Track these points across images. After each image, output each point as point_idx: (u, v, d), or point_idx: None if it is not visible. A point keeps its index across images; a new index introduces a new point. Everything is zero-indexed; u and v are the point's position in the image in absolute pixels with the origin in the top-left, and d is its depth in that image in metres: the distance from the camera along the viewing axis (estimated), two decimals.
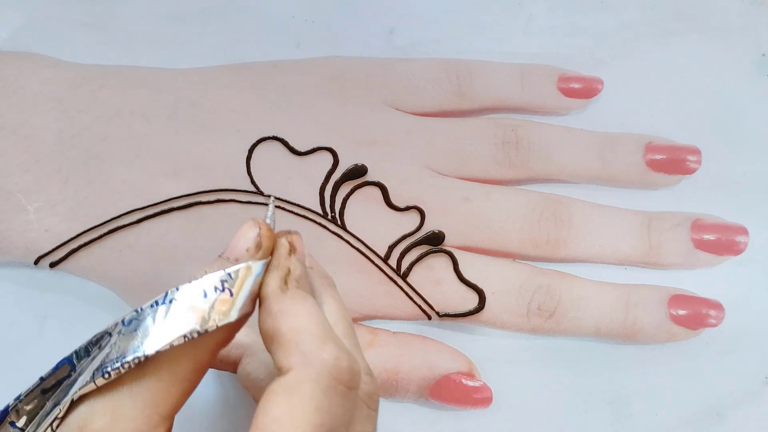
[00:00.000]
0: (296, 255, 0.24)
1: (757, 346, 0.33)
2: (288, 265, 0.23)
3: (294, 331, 0.22)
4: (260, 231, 0.23)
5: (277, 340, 0.22)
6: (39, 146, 0.31)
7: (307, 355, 0.21)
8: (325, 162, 0.32)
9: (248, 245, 0.23)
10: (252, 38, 0.35)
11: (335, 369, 0.21)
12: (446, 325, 0.33)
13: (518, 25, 0.36)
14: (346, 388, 0.21)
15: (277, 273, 0.23)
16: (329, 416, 0.21)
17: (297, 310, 0.22)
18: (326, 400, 0.21)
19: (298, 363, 0.21)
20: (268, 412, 0.21)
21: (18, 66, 0.33)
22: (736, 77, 0.36)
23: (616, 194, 0.34)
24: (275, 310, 0.22)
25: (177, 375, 0.22)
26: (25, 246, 0.31)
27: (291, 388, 0.21)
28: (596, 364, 0.33)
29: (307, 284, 0.24)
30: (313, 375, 0.21)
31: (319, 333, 0.22)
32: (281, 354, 0.22)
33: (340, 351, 0.22)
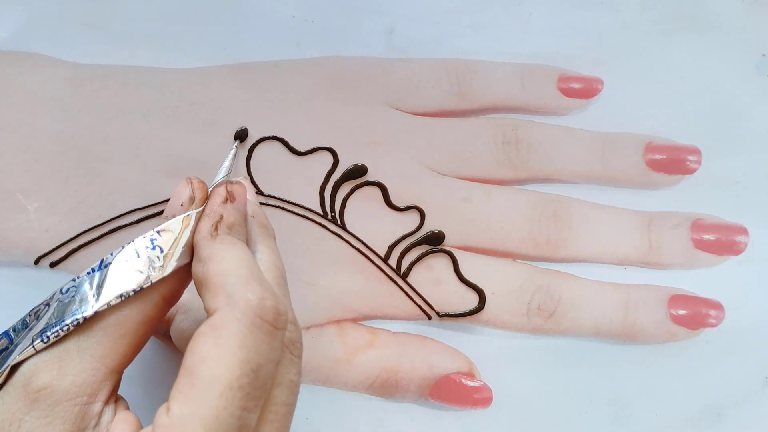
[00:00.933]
0: (234, 204, 0.25)
1: (757, 346, 0.33)
2: (221, 212, 0.24)
3: (221, 274, 0.22)
4: (192, 184, 0.25)
5: (206, 284, 0.23)
6: (39, 146, 0.31)
7: (233, 295, 0.22)
8: (325, 162, 0.32)
9: (182, 200, 0.25)
10: (252, 38, 0.35)
11: (260, 308, 0.22)
12: (446, 325, 0.33)
13: (518, 25, 0.36)
14: (272, 327, 0.22)
15: (209, 220, 0.24)
16: (255, 352, 0.21)
17: (225, 254, 0.23)
18: (251, 336, 0.21)
19: (224, 303, 0.22)
20: (196, 352, 0.21)
21: (18, 66, 0.33)
22: (736, 77, 0.36)
23: (616, 194, 0.34)
24: (205, 255, 0.23)
25: (124, 329, 0.23)
26: (25, 246, 0.31)
27: (217, 326, 0.21)
28: (596, 364, 0.33)
29: (241, 232, 0.24)
30: (237, 314, 0.21)
31: (245, 275, 0.22)
32: (208, 297, 0.22)
33: (265, 291, 0.22)
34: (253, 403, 0.21)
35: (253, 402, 0.21)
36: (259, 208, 0.26)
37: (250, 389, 0.21)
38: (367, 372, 0.31)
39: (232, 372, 0.21)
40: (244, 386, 0.21)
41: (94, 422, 0.22)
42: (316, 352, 0.31)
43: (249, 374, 0.21)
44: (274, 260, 0.25)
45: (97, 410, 0.22)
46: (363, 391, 0.32)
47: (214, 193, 0.25)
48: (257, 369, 0.21)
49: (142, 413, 0.24)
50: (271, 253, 0.25)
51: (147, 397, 0.30)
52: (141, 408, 0.25)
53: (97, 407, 0.22)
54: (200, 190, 0.25)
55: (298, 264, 0.31)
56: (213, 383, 0.21)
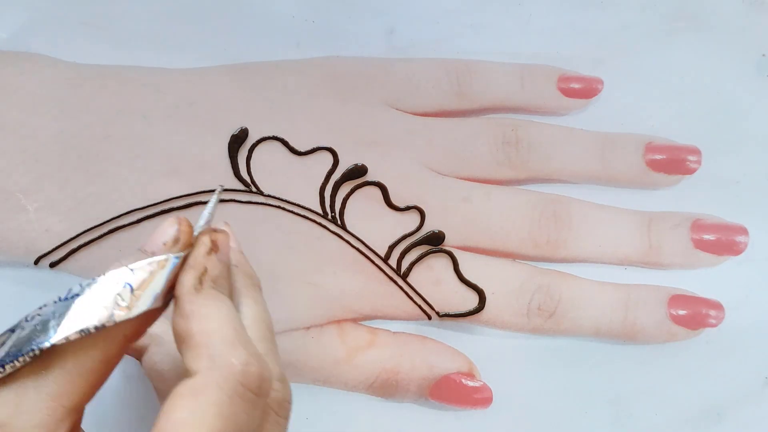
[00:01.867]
0: (218, 255, 0.23)
1: (757, 346, 0.33)
2: (205, 264, 0.23)
3: (204, 334, 0.21)
4: (179, 227, 0.23)
5: (187, 342, 0.21)
6: (39, 146, 0.31)
7: (216, 358, 0.21)
8: (325, 162, 0.32)
9: (166, 239, 0.23)
10: (252, 38, 0.35)
11: (243, 375, 0.21)
12: (446, 325, 0.33)
13: (518, 25, 0.36)
14: (254, 395, 0.21)
15: (193, 272, 0.22)
16: (232, 423, 0.20)
17: (209, 312, 0.22)
18: (231, 406, 0.20)
19: (206, 366, 0.21)
20: (171, 414, 0.20)
21: (18, 66, 0.32)
22: (736, 77, 0.36)
23: (616, 194, 0.34)
24: (187, 310, 0.22)
25: (83, 367, 0.21)
26: (25, 246, 0.31)
27: (196, 391, 0.20)
28: (596, 364, 0.33)
29: (225, 285, 0.23)
30: (219, 380, 0.20)
31: (229, 337, 0.21)
32: (190, 356, 0.21)
33: (250, 356, 0.21)
34: None
35: None
36: (243, 256, 0.25)
37: None
38: (367, 372, 0.31)
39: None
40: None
41: None
42: (316, 352, 0.31)
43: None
44: (259, 313, 0.24)
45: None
46: (363, 391, 0.32)
47: (199, 242, 0.23)
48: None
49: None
50: (257, 305, 0.24)
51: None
52: None
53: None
54: (186, 234, 0.23)
55: (298, 264, 0.31)
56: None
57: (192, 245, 0.23)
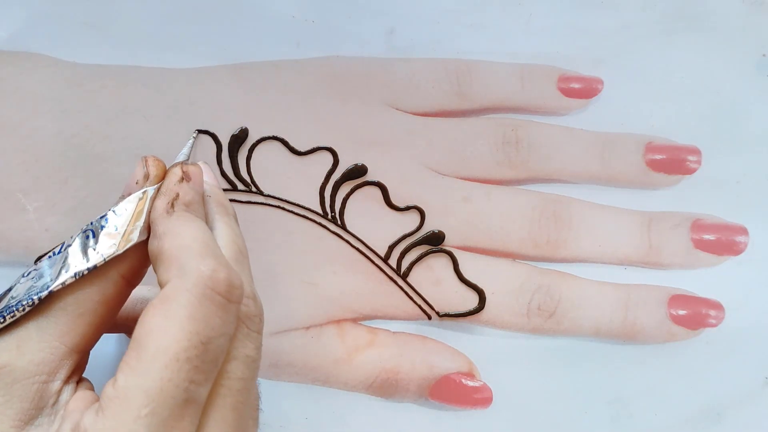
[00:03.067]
0: (190, 183, 0.25)
1: (757, 346, 0.33)
2: (177, 191, 0.24)
3: (175, 248, 0.22)
4: (146, 162, 0.25)
5: (160, 259, 0.22)
6: (39, 146, 0.31)
7: (184, 267, 0.22)
8: (325, 162, 0.32)
9: (137, 178, 0.25)
10: (252, 38, 0.35)
11: (212, 279, 0.21)
12: (446, 325, 0.33)
13: (518, 25, 0.36)
14: (225, 299, 0.22)
15: (165, 197, 0.24)
16: (205, 325, 0.21)
17: (180, 230, 0.23)
18: (201, 308, 0.21)
19: (175, 275, 0.22)
20: (145, 324, 0.21)
21: (18, 66, 0.32)
22: (736, 77, 0.36)
23: (616, 194, 0.34)
24: (160, 230, 0.23)
25: (82, 308, 0.23)
26: (25, 245, 0.31)
27: (166, 299, 0.21)
28: (596, 364, 0.33)
29: (198, 210, 0.25)
30: (188, 285, 0.21)
31: (199, 249, 0.22)
32: (162, 270, 0.22)
33: (218, 264, 0.22)
34: (202, 377, 0.21)
35: (203, 375, 0.21)
36: (218, 189, 0.26)
37: (199, 362, 0.21)
38: (367, 372, 0.31)
39: (178, 343, 0.20)
40: (192, 358, 0.21)
41: (53, 401, 0.22)
42: (316, 352, 0.31)
43: (197, 346, 0.21)
44: (232, 237, 0.25)
45: (55, 389, 0.22)
46: (363, 391, 0.32)
47: (170, 172, 0.25)
48: (207, 341, 0.21)
49: None
50: (230, 229, 0.25)
51: None
52: None
53: (56, 386, 0.22)
54: (155, 167, 0.25)
55: (298, 264, 0.31)
56: (158, 354, 0.20)
57: (164, 176, 0.25)
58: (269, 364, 0.31)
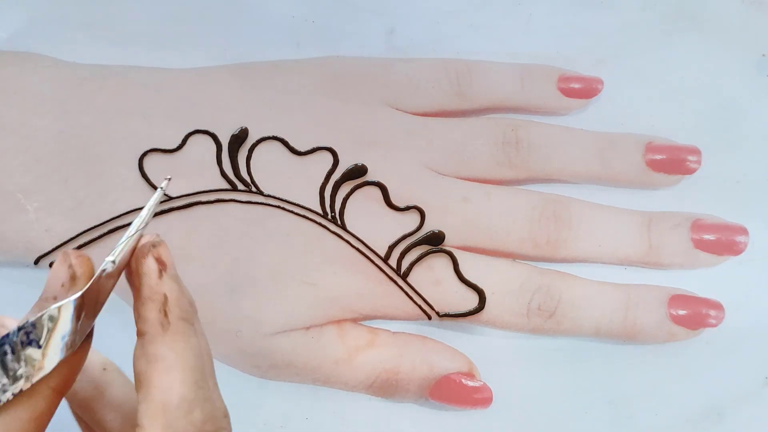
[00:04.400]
0: (170, 272, 0.21)
1: (757, 346, 0.33)
2: (162, 291, 0.21)
3: (164, 391, 0.20)
4: (71, 261, 0.20)
5: (146, 391, 0.20)
6: (39, 146, 0.31)
7: (172, 425, 0.20)
8: (325, 162, 0.32)
9: (63, 280, 0.20)
10: (252, 38, 0.35)
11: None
12: (446, 325, 0.33)
13: (518, 25, 0.36)
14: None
15: (153, 304, 0.21)
16: None
17: (173, 361, 0.20)
18: None
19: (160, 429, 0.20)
20: None
21: (18, 66, 0.33)
22: (736, 77, 0.36)
23: (616, 194, 0.34)
24: (150, 352, 0.20)
25: (12, 429, 0.20)
26: (25, 246, 0.31)
27: None
28: (596, 364, 0.33)
29: (190, 310, 0.22)
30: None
31: (188, 396, 0.20)
32: (146, 410, 0.20)
33: (205, 422, 0.21)
34: None
35: None
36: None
37: None
38: (367, 372, 0.31)
39: None
40: None
41: None
42: (316, 353, 0.31)
43: None
44: (204, 347, 0.22)
45: None
46: (363, 391, 0.32)
47: (145, 267, 0.21)
48: None
49: None
50: (203, 339, 0.22)
51: None
52: None
53: None
54: (81, 266, 0.20)
55: (298, 264, 0.31)
56: None
57: (92, 274, 0.21)
58: (269, 365, 0.31)
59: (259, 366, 0.31)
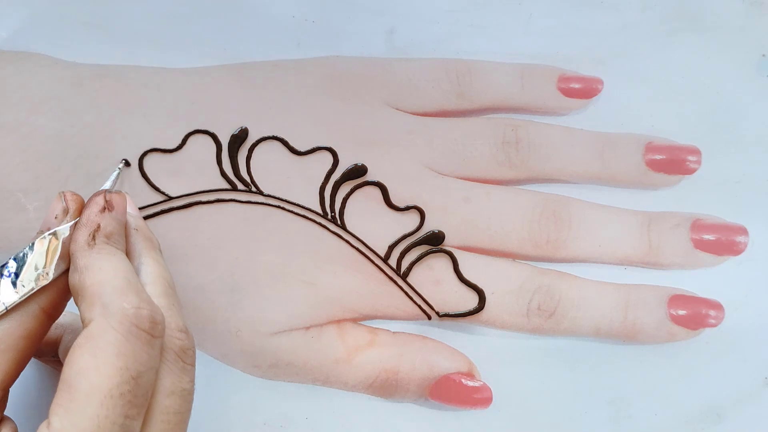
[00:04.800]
0: (113, 213, 0.25)
1: (757, 346, 0.33)
2: (98, 221, 0.24)
3: (97, 284, 0.23)
4: (65, 197, 0.25)
5: (82, 294, 0.23)
6: (39, 145, 0.31)
7: (108, 305, 0.22)
8: (325, 162, 0.32)
9: (56, 212, 0.25)
10: (252, 38, 0.35)
11: (135, 317, 0.22)
12: (446, 325, 0.33)
13: (518, 25, 0.36)
14: (149, 335, 0.22)
15: (86, 229, 0.24)
16: (134, 360, 0.22)
17: (102, 264, 0.23)
18: (128, 345, 0.22)
19: (100, 313, 0.22)
20: (73, 364, 0.21)
21: (18, 65, 0.32)
22: (736, 77, 0.36)
23: (616, 194, 0.34)
24: (81, 264, 0.23)
25: (3, 345, 0.23)
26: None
27: (93, 337, 0.22)
28: (596, 364, 0.33)
29: (120, 241, 0.25)
30: (113, 323, 0.22)
31: (121, 285, 0.23)
32: (84, 307, 0.23)
33: (141, 301, 0.22)
34: (135, 411, 0.22)
35: (135, 409, 0.22)
36: (143, 221, 0.26)
37: (131, 396, 0.21)
38: (367, 372, 0.31)
39: (111, 380, 0.21)
40: (125, 393, 0.21)
41: None
42: (316, 352, 0.31)
43: (129, 381, 0.21)
44: (159, 271, 0.25)
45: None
46: (363, 391, 0.32)
47: (92, 202, 0.25)
48: (137, 376, 0.22)
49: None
50: (157, 264, 0.25)
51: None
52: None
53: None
54: (74, 202, 0.25)
55: (298, 264, 0.31)
56: (92, 393, 0.21)
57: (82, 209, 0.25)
58: (269, 364, 0.31)
59: (259, 366, 0.31)
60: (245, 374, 0.32)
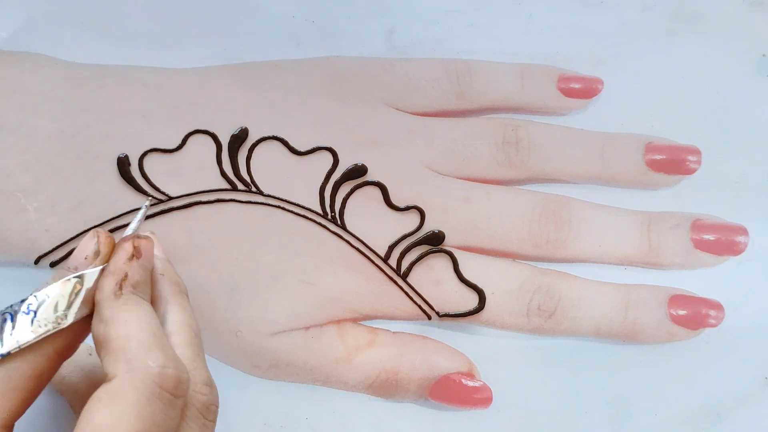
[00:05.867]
0: (140, 261, 0.24)
1: (757, 346, 0.33)
2: (126, 270, 0.23)
3: (122, 338, 0.22)
4: (98, 239, 0.24)
5: (106, 347, 0.22)
6: (39, 146, 0.31)
7: (133, 361, 0.21)
8: (325, 162, 0.32)
9: (87, 253, 0.24)
10: (252, 38, 0.35)
11: (160, 377, 0.21)
12: (446, 325, 0.33)
13: (518, 25, 0.36)
14: (172, 396, 0.22)
15: (113, 278, 0.23)
16: (151, 423, 0.21)
17: (128, 317, 0.22)
18: (149, 407, 0.21)
19: (123, 369, 0.21)
20: (91, 418, 0.21)
21: (18, 66, 0.32)
22: (736, 77, 0.36)
23: (616, 194, 0.34)
24: (107, 315, 0.23)
25: (12, 384, 0.22)
26: (25, 246, 0.31)
27: (114, 394, 0.21)
28: (596, 364, 0.33)
29: (146, 291, 0.24)
30: (137, 382, 0.21)
31: (147, 340, 0.22)
32: (108, 360, 0.22)
33: (166, 359, 0.22)
34: None
35: None
36: (169, 264, 0.26)
37: None
38: (367, 372, 0.31)
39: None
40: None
41: None
42: (316, 352, 0.31)
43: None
44: (186, 319, 0.24)
45: None
46: (363, 391, 0.32)
47: (120, 248, 0.24)
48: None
49: None
50: (183, 312, 0.25)
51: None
52: None
53: None
54: (106, 246, 0.24)
55: (298, 264, 0.31)
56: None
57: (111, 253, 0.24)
58: (269, 364, 0.31)
59: (259, 366, 0.31)
60: (245, 374, 0.32)
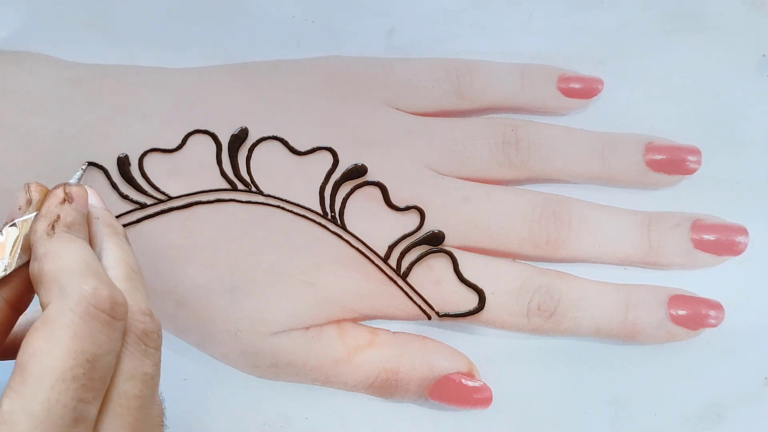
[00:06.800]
0: (74, 204, 0.25)
1: (757, 346, 0.33)
2: (58, 212, 0.24)
3: (55, 270, 0.22)
4: (29, 188, 0.25)
5: (40, 281, 0.22)
6: (38, 145, 0.31)
7: (66, 287, 0.22)
8: (325, 162, 0.32)
9: (20, 204, 0.25)
10: (252, 38, 0.35)
11: (94, 297, 0.22)
12: (446, 325, 0.33)
13: (518, 25, 0.36)
14: (109, 317, 0.22)
15: (45, 220, 0.24)
16: (90, 342, 0.21)
17: (62, 251, 0.23)
18: (85, 326, 0.21)
19: (57, 296, 0.22)
20: (28, 347, 0.21)
21: (17, 65, 0.32)
22: (736, 77, 0.36)
23: (616, 194, 0.34)
24: (40, 252, 0.23)
25: None
26: None
27: (49, 320, 0.21)
28: (596, 364, 0.33)
29: (81, 230, 0.25)
30: (71, 304, 0.21)
31: (79, 268, 0.22)
32: (42, 292, 0.22)
33: (100, 282, 0.22)
34: (90, 395, 0.21)
35: (91, 393, 0.21)
36: (106, 211, 0.26)
37: (86, 380, 0.21)
38: (367, 372, 0.31)
39: (64, 363, 0.21)
40: (79, 377, 0.21)
41: None
42: (316, 352, 0.31)
43: (83, 364, 0.21)
44: (122, 256, 0.25)
45: None
46: (363, 391, 0.32)
47: (51, 194, 0.25)
48: (93, 359, 0.21)
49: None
50: (119, 249, 0.25)
51: None
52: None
53: None
54: (38, 193, 0.25)
55: (298, 264, 0.31)
56: (43, 376, 0.20)
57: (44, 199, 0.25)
58: (269, 364, 0.31)
59: (259, 366, 0.31)
60: (245, 374, 0.32)
